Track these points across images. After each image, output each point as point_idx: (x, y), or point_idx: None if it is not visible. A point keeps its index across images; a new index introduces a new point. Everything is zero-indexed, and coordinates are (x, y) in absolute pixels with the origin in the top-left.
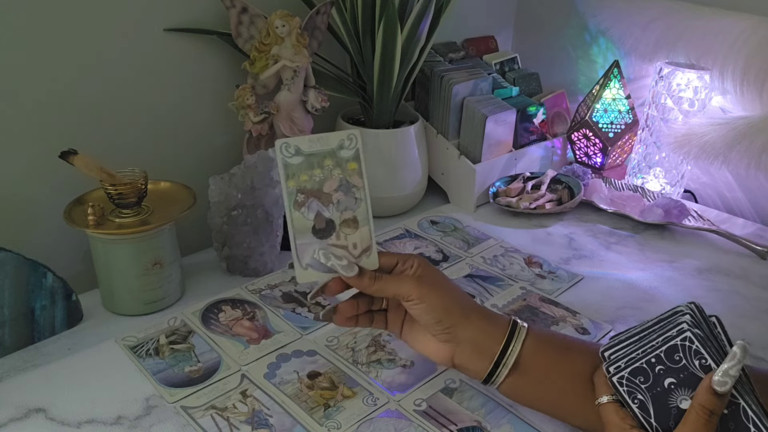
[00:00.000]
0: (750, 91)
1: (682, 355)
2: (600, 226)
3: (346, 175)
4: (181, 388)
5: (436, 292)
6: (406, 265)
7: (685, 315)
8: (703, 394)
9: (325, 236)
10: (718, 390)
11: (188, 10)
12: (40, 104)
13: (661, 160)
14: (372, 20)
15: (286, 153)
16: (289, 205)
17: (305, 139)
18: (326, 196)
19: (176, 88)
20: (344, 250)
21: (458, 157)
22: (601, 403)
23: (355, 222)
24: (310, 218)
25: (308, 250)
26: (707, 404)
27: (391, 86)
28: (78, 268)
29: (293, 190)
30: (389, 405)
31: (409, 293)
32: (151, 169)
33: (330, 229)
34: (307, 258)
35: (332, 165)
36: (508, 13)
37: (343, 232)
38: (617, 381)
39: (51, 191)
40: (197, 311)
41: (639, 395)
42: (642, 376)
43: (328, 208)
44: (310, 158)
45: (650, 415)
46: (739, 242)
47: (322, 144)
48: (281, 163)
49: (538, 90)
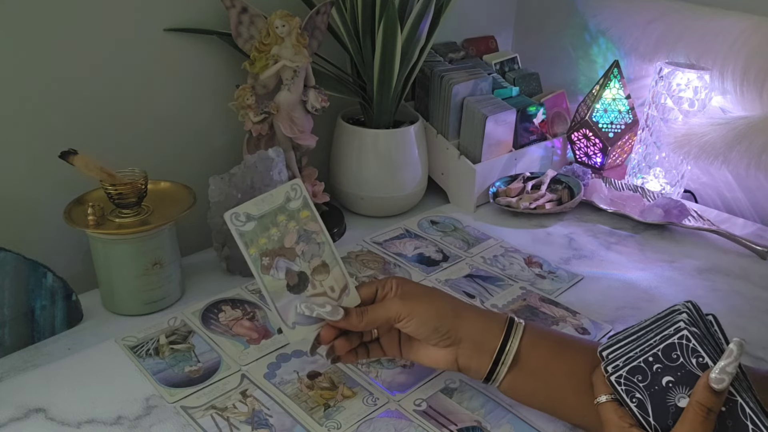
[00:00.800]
0: (750, 91)
1: (679, 353)
2: (600, 226)
3: (301, 225)
4: (181, 388)
5: (422, 304)
6: (386, 289)
7: (682, 314)
8: (701, 391)
9: (301, 290)
10: (716, 387)
11: (188, 10)
12: (40, 104)
13: (661, 160)
14: (372, 20)
15: (237, 223)
16: (258, 272)
17: (252, 204)
18: (290, 251)
19: (176, 88)
20: (324, 297)
21: (458, 157)
22: (599, 402)
23: (325, 266)
24: (281, 277)
25: (290, 308)
26: (705, 402)
27: (391, 86)
28: (78, 268)
29: (256, 256)
30: (389, 405)
31: (398, 313)
32: (151, 169)
33: (303, 281)
34: (291, 317)
35: (286, 220)
36: (508, 13)
37: (317, 280)
38: (615, 380)
39: (51, 191)
40: (197, 311)
41: (637, 394)
42: (640, 375)
43: (295, 262)
44: (263, 220)
45: (649, 414)
46: (739, 242)
47: (269, 203)
48: (236, 234)
49: (538, 90)
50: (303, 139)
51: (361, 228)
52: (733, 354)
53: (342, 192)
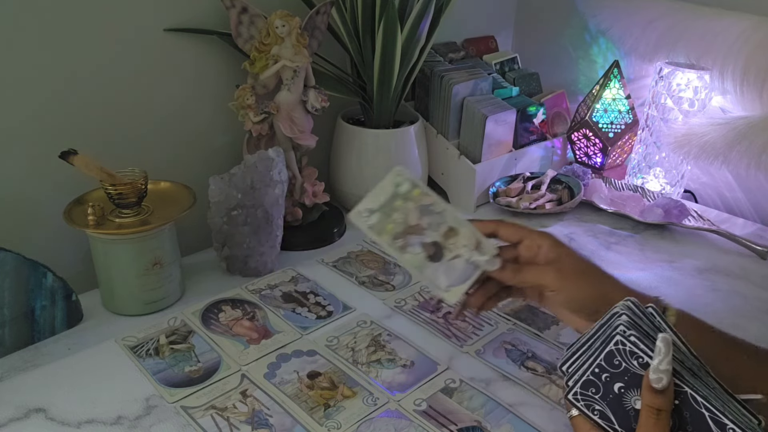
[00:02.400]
0: (750, 91)
1: (620, 359)
2: (600, 226)
3: (417, 202)
4: (181, 388)
5: (576, 284)
6: (534, 246)
7: (621, 316)
8: (645, 394)
9: (440, 257)
10: (657, 387)
11: (188, 10)
12: (40, 104)
13: (661, 160)
14: (372, 20)
15: (365, 218)
16: (398, 254)
17: (368, 200)
18: (416, 227)
19: (176, 88)
20: (462, 257)
21: (458, 157)
22: (572, 416)
23: (452, 230)
24: (419, 252)
25: (438, 275)
26: (652, 403)
27: (391, 86)
28: (78, 268)
29: (389, 240)
30: (389, 405)
31: (550, 284)
32: (151, 169)
33: (439, 248)
34: (442, 281)
35: (402, 202)
36: (508, 13)
37: (450, 244)
38: (573, 398)
39: (51, 191)
40: (197, 311)
41: (596, 406)
42: (593, 388)
43: (425, 235)
44: (384, 209)
45: (613, 422)
46: (739, 242)
47: (384, 193)
48: (367, 229)
49: (538, 90)
50: (303, 139)
51: None
52: (662, 351)
53: (342, 192)
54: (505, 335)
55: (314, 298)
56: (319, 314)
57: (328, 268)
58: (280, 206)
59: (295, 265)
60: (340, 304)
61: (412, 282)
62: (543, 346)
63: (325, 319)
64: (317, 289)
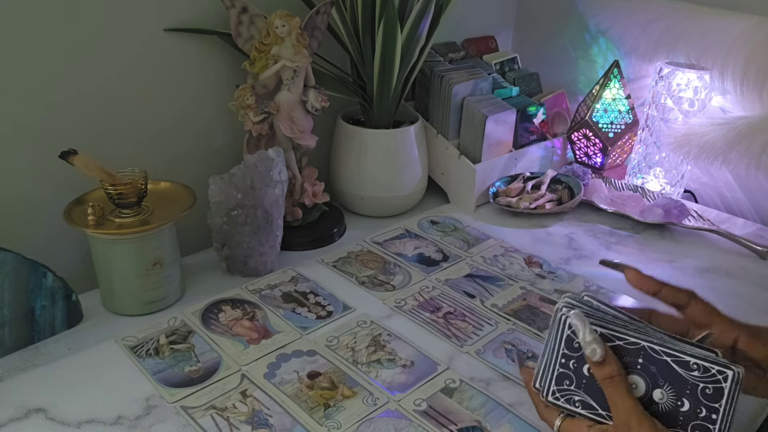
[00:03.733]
0: (750, 91)
1: (577, 340)
2: (600, 226)
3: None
4: (181, 388)
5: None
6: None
7: (562, 309)
8: (594, 370)
9: None
10: (595, 359)
11: (188, 10)
12: (40, 104)
13: (661, 160)
14: (372, 20)
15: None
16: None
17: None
18: None
19: (176, 88)
20: None
21: (458, 157)
22: (558, 426)
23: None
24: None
25: None
26: (601, 375)
27: (391, 86)
28: (78, 268)
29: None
30: (389, 405)
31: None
32: (151, 169)
33: None
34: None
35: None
36: (508, 13)
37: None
38: (553, 398)
39: (51, 191)
40: (197, 311)
41: (576, 397)
42: (566, 379)
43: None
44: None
45: (596, 408)
46: (739, 242)
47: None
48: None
49: (538, 90)
50: (303, 139)
51: (361, 228)
52: (578, 327)
53: (342, 192)
54: (505, 335)
55: (314, 298)
56: (319, 314)
57: (328, 268)
58: (280, 206)
59: (295, 265)
60: (340, 304)
61: (412, 282)
62: (543, 346)
63: (325, 319)
64: (317, 289)
